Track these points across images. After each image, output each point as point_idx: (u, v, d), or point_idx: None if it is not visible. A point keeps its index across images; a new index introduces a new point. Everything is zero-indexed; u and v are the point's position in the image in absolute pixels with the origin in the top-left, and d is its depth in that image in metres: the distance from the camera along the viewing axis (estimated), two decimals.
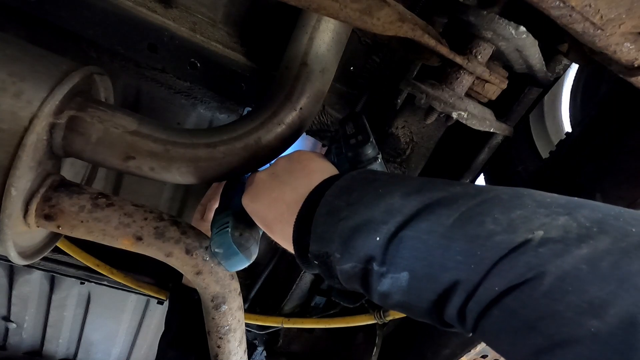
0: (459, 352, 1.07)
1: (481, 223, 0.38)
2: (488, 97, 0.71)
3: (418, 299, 0.41)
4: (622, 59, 0.55)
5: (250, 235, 0.66)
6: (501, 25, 0.60)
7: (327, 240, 0.45)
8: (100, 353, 1.81)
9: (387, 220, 0.42)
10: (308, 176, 0.55)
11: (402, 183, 0.46)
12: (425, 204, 0.42)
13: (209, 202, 0.99)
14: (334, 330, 1.35)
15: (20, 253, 0.62)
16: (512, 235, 0.36)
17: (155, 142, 0.64)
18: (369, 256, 0.42)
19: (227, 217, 0.67)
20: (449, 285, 0.38)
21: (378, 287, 0.43)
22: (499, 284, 0.35)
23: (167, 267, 0.65)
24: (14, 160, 0.53)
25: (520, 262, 0.35)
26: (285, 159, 0.61)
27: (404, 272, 0.41)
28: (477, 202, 0.40)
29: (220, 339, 0.71)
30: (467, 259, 0.37)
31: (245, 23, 0.82)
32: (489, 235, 0.37)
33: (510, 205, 0.39)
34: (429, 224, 0.40)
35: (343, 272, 0.45)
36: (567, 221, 0.36)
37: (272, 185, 0.58)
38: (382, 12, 0.56)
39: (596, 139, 0.82)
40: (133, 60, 0.85)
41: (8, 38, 0.59)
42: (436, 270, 0.39)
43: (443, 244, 0.39)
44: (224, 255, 0.64)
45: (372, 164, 0.62)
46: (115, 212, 0.60)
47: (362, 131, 0.64)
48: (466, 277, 0.37)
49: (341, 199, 0.47)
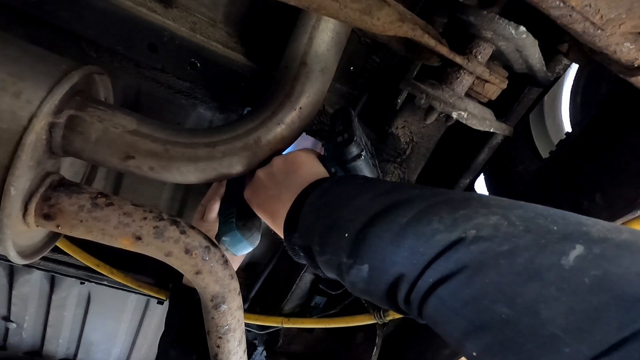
0: (458, 352, 1.07)
1: (429, 222, 0.42)
2: (488, 97, 0.71)
3: (376, 288, 0.46)
4: (622, 59, 0.55)
5: (253, 225, 0.75)
6: (501, 25, 0.60)
7: (309, 235, 0.53)
8: (100, 353, 1.81)
9: (354, 219, 0.48)
10: (301, 177, 0.62)
11: (373, 187, 0.52)
12: (386, 205, 0.47)
13: (209, 202, 0.98)
14: (334, 330, 1.35)
15: (19, 252, 0.62)
16: (450, 234, 0.40)
17: (154, 142, 0.64)
18: (340, 250, 0.48)
19: (232, 208, 0.76)
20: (396, 277, 0.43)
21: (347, 277, 0.48)
22: (433, 277, 0.40)
23: (167, 267, 0.65)
24: (14, 160, 0.52)
25: (452, 258, 0.39)
26: (282, 159, 0.67)
27: (365, 264, 0.46)
28: (430, 203, 0.45)
29: (220, 338, 0.71)
30: (411, 255, 0.42)
31: (245, 23, 0.82)
32: (433, 234, 0.41)
33: (457, 206, 0.43)
34: (387, 223, 0.45)
35: (322, 262, 0.52)
36: (499, 220, 0.40)
37: (269, 183, 0.65)
38: (382, 12, 0.56)
39: (596, 139, 0.82)
40: (133, 60, 0.85)
41: (8, 38, 0.59)
42: (387, 264, 0.44)
43: (395, 241, 0.44)
44: (230, 242, 0.73)
45: (355, 161, 0.65)
46: (115, 212, 0.60)
47: (347, 129, 0.66)
48: (408, 271, 0.42)
49: (321, 200, 0.54)
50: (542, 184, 0.93)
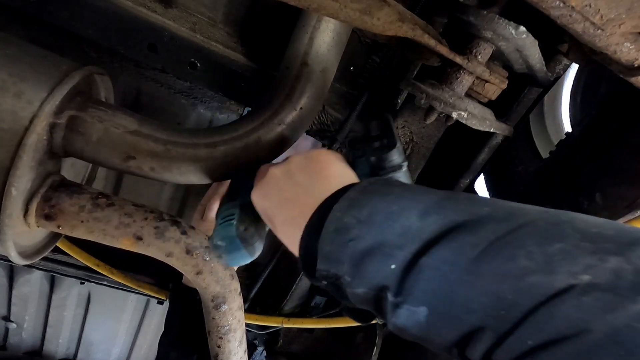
0: None
1: (512, 257, 0.33)
2: (488, 97, 0.71)
3: (438, 336, 0.37)
4: (622, 59, 0.55)
5: (256, 231, 0.62)
6: (501, 25, 0.60)
7: (336, 261, 0.41)
8: (100, 353, 1.81)
9: (403, 245, 0.38)
10: (325, 180, 0.50)
11: (418, 198, 0.41)
12: (447, 228, 0.37)
13: (209, 202, 0.98)
14: (334, 330, 1.35)
15: (20, 253, 0.62)
16: (550, 277, 0.31)
17: (155, 142, 0.64)
18: (383, 285, 0.38)
19: (234, 208, 0.63)
20: (472, 329, 0.34)
21: (392, 319, 0.38)
22: (533, 337, 0.31)
23: (167, 267, 0.65)
24: (15, 160, 0.53)
25: (561, 314, 0.30)
26: (302, 157, 0.56)
27: (422, 306, 0.36)
28: (508, 229, 0.35)
29: (221, 339, 0.71)
30: (495, 303, 0.33)
31: (245, 23, 0.82)
32: (522, 274, 0.32)
33: (547, 236, 0.34)
34: (450, 254, 0.36)
35: (354, 295, 0.41)
36: (619, 264, 0.30)
37: (286, 184, 0.54)
38: (382, 12, 0.56)
39: (596, 139, 0.82)
40: (133, 60, 0.85)
41: (8, 38, 0.59)
42: (459, 311, 0.34)
43: (467, 280, 0.34)
44: (225, 249, 0.60)
45: (396, 172, 0.57)
46: (116, 212, 0.60)
47: (388, 134, 0.58)
48: (493, 324, 0.32)
49: (351, 215, 0.42)
50: (542, 184, 0.93)
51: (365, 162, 0.58)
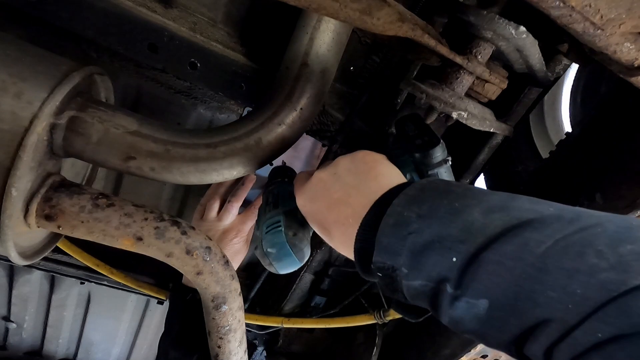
0: (459, 352, 1.07)
1: (581, 255, 0.33)
2: (488, 97, 0.71)
3: (497, 331, 0.37)
4: (622, 59, 0.55)
5: (304, 236, 0.64)
6: (501, 25, 0.60)
7: (393, 253, 0.42)
8: (100, 353, 1.80)
9: (465, 239, 0.38)
10: (375, 179, 0.51)
11: (480, 197, 0.42)
12: (511, 225, 0.37)
13: (209, 201, 0.99)
14: (334, 330, 1.35)
15: (20, 253, 0.62)
16: (623, 275, 0.31)
17: (155, 143, 0.64)
18: (443, 277, 0.39)
19: (278, 215, 0.64)
20: (537, 322, 0.34)
21: (450, 311, 0.39)
22: (603, 331, 0.31)
23: (167, 267, 0.65)
24: (15, 161, 0.52)
25: (634, 309, 0.30)
26: (348, 159, 0.57)
27: (483, 299, 0.36)
28: (575, 229, 0.35)
29: (221, 339, 0.71)
30: (563, 297, 0.33)
31: (245, 23, 0.82)
32: (592, 272, 0.32)
33: (617, 237, 0.34)
34: (515, 249, 0.36)
35: (410, 288, 0.42)
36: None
37: (334, 186, 0.54)
38: (382, 12, 0.56)
39: (596, 139, 0.82)
40: (133, 60, 0.85)
41: (8, 38, 0.59)
42: (523, 303, 0.34)
43: (532, 274, 0.34)
44: (276, 256, 0.62)
45: (440, 167, 0.59)
46: (116, 213, 0.60)
47: (427, 132, 0.60)
48: (561, 317, 0.32)
49: (411, 210, 0.43)
50: (542, 184, 0.93)
51: (409, 160, 0.60)
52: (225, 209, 0.97)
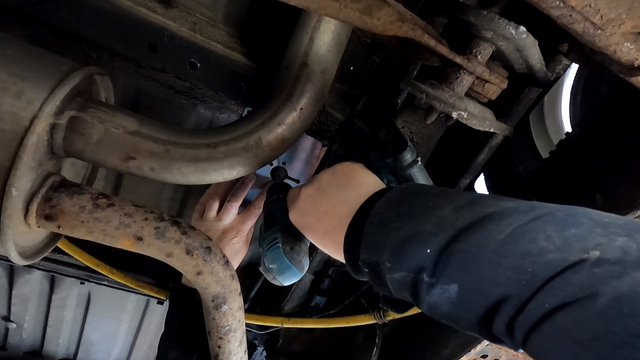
0: (459, 352, 1.07)
1: (533, 240, 0.38)
2: (488, 97, 0.71)
3: (467, 311, 0.42)
4: (622, 59, 0.55)
5: (301, 249, 0.70)
6: (501, 25, 0.60)
7: (378, 249, 0.47)
8: (100, 353, 1.81)
9: (438, 232, 0.43)
10: (356, 189, 0.57)
11: (451, 197, 0.47)
12: (477, 218, 0.42)
13: (208, 201, 0.99)
14: (334, 330, 1.35)
15: (20, 253, 0.62)
16: (566, 254, 0.36)
17: (155, 143, 0.64)
18: (420, 266, 0.43)
19: (276, 233, 0.70)
20: (498, 299, 0.39)
21: (427, 298, 0.43)
22: (550, 301, 0.35)
23: (167, 267, 0.65)
24: (15, 161, 0.52)
25: (574, 281, 0.34)
26: (329, 172, 0.63)
27: (453, 284, 0.41)
28: (530, 218, 0.40)
29: (221, 339, 0.71)
30: (517, 275, 0.37)
31: (245, 23, 0.82)
32: (541, 253, 0.37)
33: (564, 223, 0.39)
34: (480, 238, 0.40)
35: (393, 280, 0.46)
36: (626, 242, 0.35)
37: (320, 199, 0.60)
38: (382, 12, 0.56)
39: (596, 139, 0.82)
40: (133, 60, 0.85)
41: (8, 38, 0.59)
42: (486, 284, 0.39)
43: (494, 259, 0.39)
44: (278, 270, 0.68)
45: (412, 168, 0.63)
46: (116, 213, 0.60)
47: (397, 136, 0.64)
48: (516, 293, 0.37)
49: (392, 211, 0.48)
50: (542, 184, 0.93)
51: (383, 165, 0.64)
52: (224, 208, 0.97)
